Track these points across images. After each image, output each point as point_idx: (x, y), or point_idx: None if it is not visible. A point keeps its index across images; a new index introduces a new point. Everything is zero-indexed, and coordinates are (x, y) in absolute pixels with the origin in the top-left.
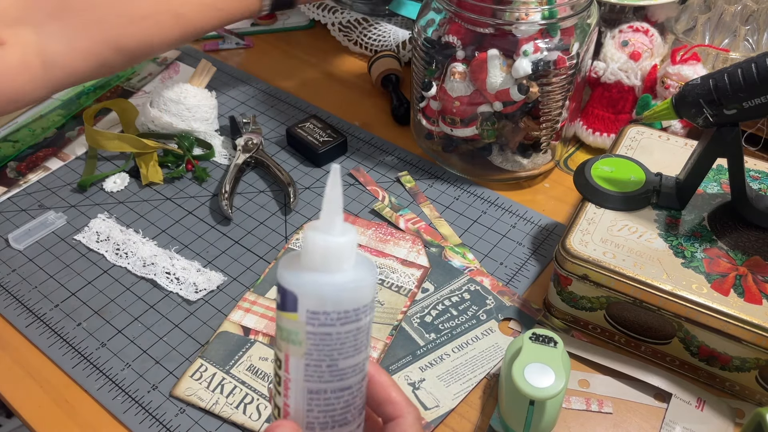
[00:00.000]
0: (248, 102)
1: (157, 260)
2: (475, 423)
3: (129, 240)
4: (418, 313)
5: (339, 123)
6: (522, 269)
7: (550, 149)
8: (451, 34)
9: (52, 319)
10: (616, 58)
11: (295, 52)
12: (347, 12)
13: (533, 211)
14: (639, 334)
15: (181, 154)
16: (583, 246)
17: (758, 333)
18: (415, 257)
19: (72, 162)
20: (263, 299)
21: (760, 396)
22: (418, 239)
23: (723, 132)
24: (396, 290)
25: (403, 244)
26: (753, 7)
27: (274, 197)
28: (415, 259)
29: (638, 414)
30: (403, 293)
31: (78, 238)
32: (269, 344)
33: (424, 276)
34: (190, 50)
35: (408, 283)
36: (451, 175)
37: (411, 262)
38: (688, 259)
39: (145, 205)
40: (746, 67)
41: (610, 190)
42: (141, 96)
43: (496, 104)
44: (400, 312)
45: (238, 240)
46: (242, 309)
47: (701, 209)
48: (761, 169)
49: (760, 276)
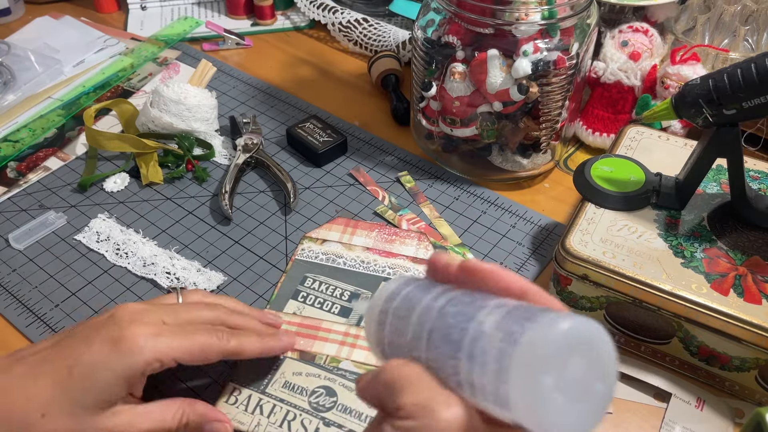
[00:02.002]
0: (248, 102)
1: (158, 260)
2: None
3: (129, 240)
4: None
5: (339, 123)
6: (522, 269)
7: (549, 149)
8: (451, 34)
9: (53, 319)
10: (615, 58)
11: (295, 52)
12: (347, 12)
13: (533, 211)
14: (639, 334)
15: (181, 154)
16: (583, 246)
17: (758, 333)
18: (424, 254)
19: (72, 162)
20: (282, 314)
21: (760, 396)
22: (424, 236)
23: (722, 132)
24: None
25: (410, 242)
26: (752, 7)
27: (274, 197)
28: (425, 256)
29: (638, 414)
30: None
31: (78, 238)
32: (299, 359)
33: None
34: (190, 50)
35: None
36: (451, 175)
37: (421, 259)
38: (687, 259)
39: (145, 205)
40: (746, 68)
41: (610, 190)
42: (141, 96)
43: (495, 104)
44: None
45: (238, 240)
46: None
47: (701, 209)
48: (761, 169)
49: (759, 276)
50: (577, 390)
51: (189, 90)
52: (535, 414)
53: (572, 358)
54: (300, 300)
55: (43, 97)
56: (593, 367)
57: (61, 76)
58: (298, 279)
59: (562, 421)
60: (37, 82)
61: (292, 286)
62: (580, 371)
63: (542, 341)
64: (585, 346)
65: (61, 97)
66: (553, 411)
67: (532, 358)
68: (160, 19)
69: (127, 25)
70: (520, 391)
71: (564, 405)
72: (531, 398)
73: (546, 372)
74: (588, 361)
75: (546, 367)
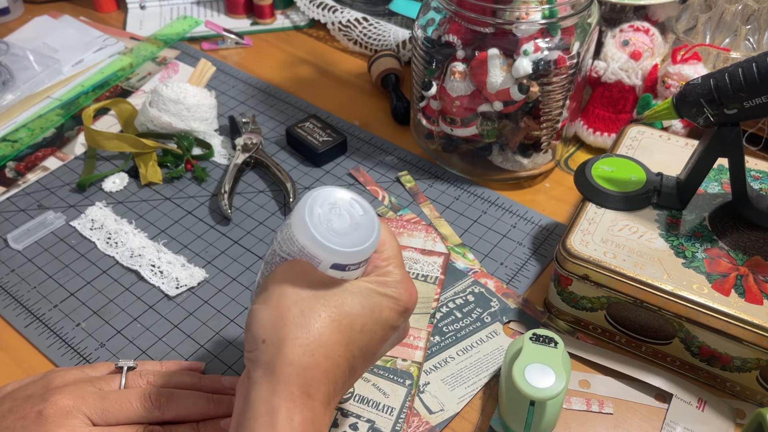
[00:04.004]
0: (248, 102)
1: (145, 252)
2: (476, 424)
3: (120, 230)
4: None
5: (339, 123)
6: (522, 269)
7: (550, 149)
8: (451, 33)
9: (51, 320)
10: (616, 58)
11: (295, 52)
12: (347, 11)
13: (533, 211)
14: (639, 334)
15: (180, 154)
16: (584, 246)
17: (759, 333)
18: (432, 245)
19: (71, 162)
20: None
21: (761, 396)
22: (431, 228)
23: (724, 132)
24: (423, 279)
25: (417, 235)
26: (754, 7)
27: (273, 197)
28: (433, 247)
29: (639, 414)
30: (431, 281)
31: (74, 225)
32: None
33: (446, 262)
34: (189, 50)
35: (433, 271)
36: (451, 175)
37: (430, 251)
38: (688, 259)
39: (144, 205)
40: (747, 67)
41: (611, 190)
42: (140, 95)
43: (496, 104)
44: (433, 300)
45: (238, 240)
46: None
47: (702, 209)
48: (762, 169)
49: (761, 276)
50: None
51: (188, 89)
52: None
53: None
54: None
55: (42, 97)
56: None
57: (59, 76)
58: None
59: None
60: (35, 82)
61: None
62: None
63: (296, 210)
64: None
65: (59, 96)
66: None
67: (297, 215)
68: (159, 19)
69: (126, 25)
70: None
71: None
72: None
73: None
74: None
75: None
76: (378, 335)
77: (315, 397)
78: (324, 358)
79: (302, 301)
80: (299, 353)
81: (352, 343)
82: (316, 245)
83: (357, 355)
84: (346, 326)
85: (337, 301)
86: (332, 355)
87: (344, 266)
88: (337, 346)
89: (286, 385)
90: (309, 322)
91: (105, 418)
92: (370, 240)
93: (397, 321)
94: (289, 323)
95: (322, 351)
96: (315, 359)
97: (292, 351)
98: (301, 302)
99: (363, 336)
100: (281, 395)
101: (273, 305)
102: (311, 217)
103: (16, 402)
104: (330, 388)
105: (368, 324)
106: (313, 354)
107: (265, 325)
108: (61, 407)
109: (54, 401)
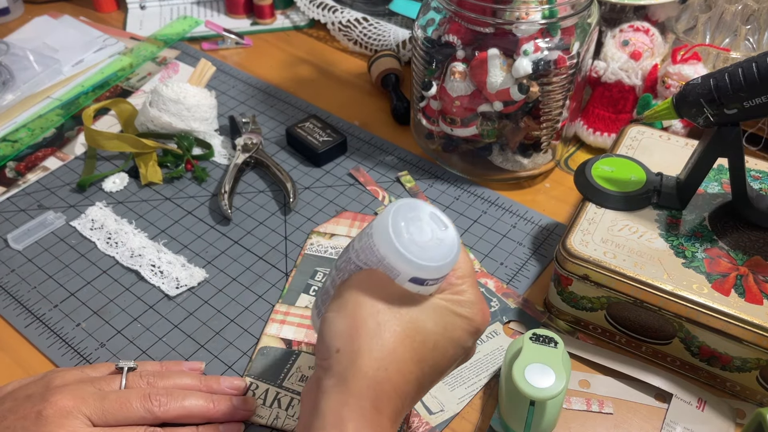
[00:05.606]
0: (248, 102)
1: (145, 252)
2: (476, 424)
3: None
4: None
5: (339, 123)
6: (522, 269)
7: (550, 149)
8: (451, 33)
9: (52, 320)
10: (616, 58)
11: (295, 52)
12: (347, 11)
13: (533, 211)
14: (639, 334)
15: (180, 154)
16: (584, 246)
17: (759, 333)
18: None
19: (71, 162)
20: (295, 308)
21: (761, 396)
22: None
23: (724, 132)
24: None
25: None
26: (754, 7)
27: (273, 197)
28: None
29: (639, 414)
30: None
31: (74, 225)
32: (314, 352)
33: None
34: (189, 50)
35: None
36: (451, 175)
37: None
38: (688, 259)
39: (144, 205)
40: (747, 67)
41: (611, 190)
42: (140, 95)
43: (496, 104)
44: None
45: (238, 240)
46: (276, 321)
47: (702, 209)
48: (762, 169)
49: (760, 276)
50: (415, 230)
51: (188, 89)
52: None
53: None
54: (312, 294)
55: (42, 97)
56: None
57: (59, 76)
58: (308, 273)
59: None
60: (35, 82)
61: (303, 281)
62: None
63: (378, 221)
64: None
65: (59, 96)
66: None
67: (377, 227)
68: (159, 19)
69: (126, 25)
70: (378, 237)
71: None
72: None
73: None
74: (412, 217)
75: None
76: (449, 354)
77: (384, 413)
78: (396, 373)
79: (378, 313)
80: (374, 367)
81: (423, 361)
82: (398, 257)
83: (427, 373)
84: (419, 343)
85: (412, 317)
86: (404, 371)
87: (423, 281)
88: (410, 363)
89: (358, 398)
90: (384, 335)
91: (105, 418)
92: (451, 256)
93: (468, 341)
94: (364, 335)
95: (395, 366)
96: (388, 374)
97: (366, 364)
98: (377, 314)
99: (435, 354)
100: (352, 407)
101: (348, 315)
102: (395, 229)
103: (17, 402)
104: (398, 404)
105: (441, 342)
106: (387, 369)
107: (341, 334)
108: (62, 407)
109: (54, 401)
